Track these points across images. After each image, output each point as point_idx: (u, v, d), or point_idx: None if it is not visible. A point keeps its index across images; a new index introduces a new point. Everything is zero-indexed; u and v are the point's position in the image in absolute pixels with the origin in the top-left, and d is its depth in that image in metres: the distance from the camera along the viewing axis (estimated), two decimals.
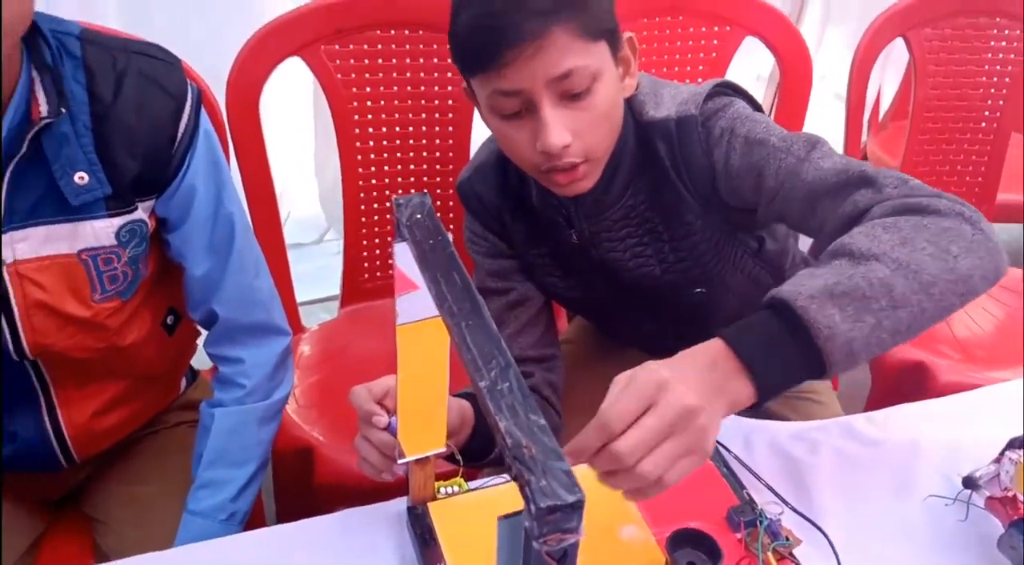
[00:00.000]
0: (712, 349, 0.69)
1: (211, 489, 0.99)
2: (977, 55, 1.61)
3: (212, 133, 0.95)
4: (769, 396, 0.68)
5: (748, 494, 0.79)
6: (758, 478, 0.80)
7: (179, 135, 0.89)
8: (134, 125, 0.86)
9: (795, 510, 0.77)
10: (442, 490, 0.78)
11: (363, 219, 1.43)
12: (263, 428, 1.03)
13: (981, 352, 1.49)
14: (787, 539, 0.73)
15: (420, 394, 0.69)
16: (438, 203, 1.44)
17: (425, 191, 0.57)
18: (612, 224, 0.96)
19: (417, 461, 0.73)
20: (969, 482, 0.81)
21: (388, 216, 1.44)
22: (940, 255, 0.71)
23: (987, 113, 1.66)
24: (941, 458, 0.88)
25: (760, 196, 0.88)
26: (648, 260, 0.98)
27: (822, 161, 0.83)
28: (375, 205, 1.42)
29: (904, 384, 1.40)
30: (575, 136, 0.83)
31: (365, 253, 1.46)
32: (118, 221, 0.87)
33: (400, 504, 0.79)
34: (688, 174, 0.91)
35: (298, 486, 1.22)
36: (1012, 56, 1.61)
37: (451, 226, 1.45)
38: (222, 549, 0.79)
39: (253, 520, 1.18)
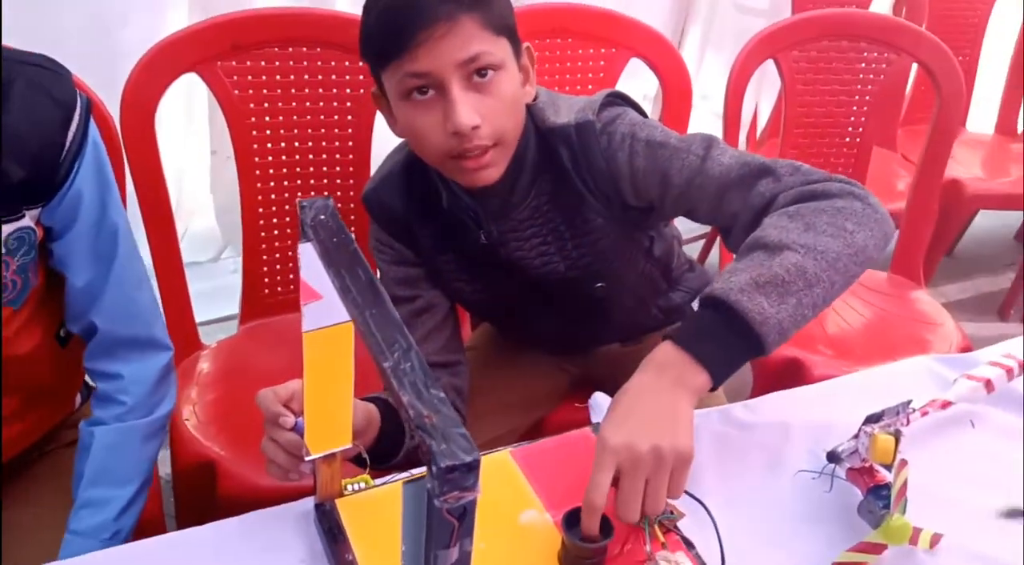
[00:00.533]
0: (663, 352, 0.80)
1: (93, 509, 0.97)
2: (840, 76, 1.75)
3: (100, 144, 0.95)
4: (723, 379, 0.80)
5: None
6: None
7: (67, 143, 0.89)
8: (22, 133, 0.85)
9: None
10: (349, 487, 0.81)
11: (262, 234, 1.44)
12: (146, 445, 1.01)
13: (852, 348, 1.62)
14: (671, 513, 0.79)
15: (326, 395, 0.72)
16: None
17: (328, 195, 0.61)
18: (518, 224, 1.02)
19: (324, 458, 0.76)
20: (832, 456, 0.90)
21: (288, 231, 1.46)
22: (839, 233, 0.82)
23: (851, 129, 1.80)
24: (809, 437, 0.96)
25: (666, 193, 0.96)
26: (552, 257, 1.04)
27: (722, 157, 0.93)
28: (274, 220, 1.44)
29: (782, 378, 1.50)
30: (483, 119, 0.89)
31: (265, 268, 1.47)
32: (6, 228, 0.87)
33: (307, 504, 0.81)
34: (589, 176, 0.98)
35: (200, 502, 1.22)
36: (871, 76, 1.76)
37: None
38: (122, 558, 0.79)
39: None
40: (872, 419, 0.89)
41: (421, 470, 0.82)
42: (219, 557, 0.78)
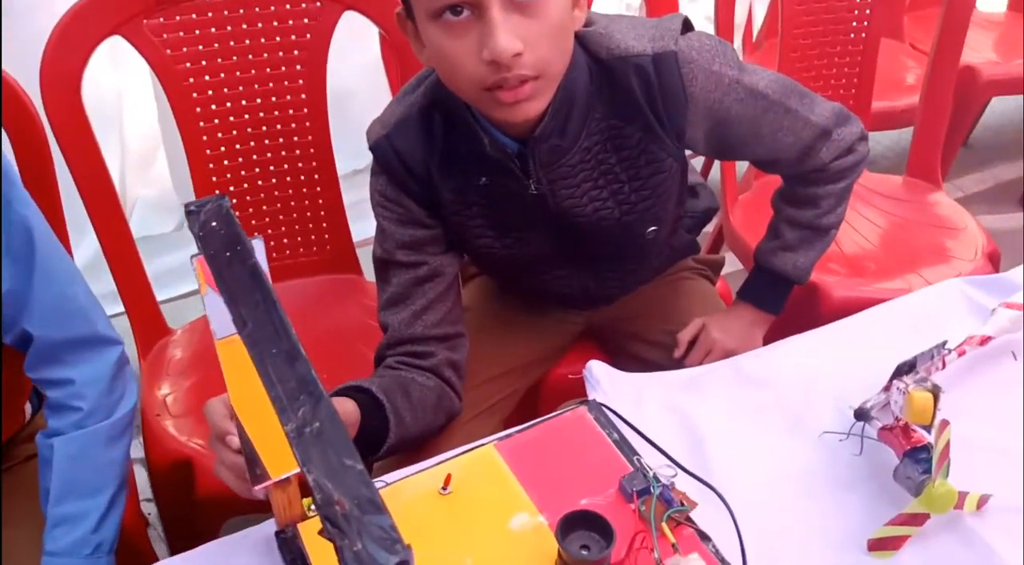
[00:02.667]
0: (745, 309, 1.14)
1: (67, 525, 0.89)
2: None
3: None
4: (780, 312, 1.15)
5: (639, 460, 0.75)
6: (649, 441, 0.76)
7: None
8: None
9: (687, 472, 0.73)
10: (313, 507, 0.71)
11: (236, 211, 1.32)
12: (112, 448, 0.93)
13: (870, 264, 1.51)
14: (682, 504, 0.70)
15: (261, 412, 0.62)
16: (301, 177, 1.34)
17: (222, 194, 0.49)
18: (569, 170, 0.92)
19: (277, 484, 0.66)
20: (861, 414, 0.79)
21: (248, 198, 1.34)
22: (848, 197, 1.09)
23: (855, 23, 1.64)
24: (832, 391, 0.86)
25: (746, 143, 0.97)
26: (605, 203, 0.95)
27: (808, 114, 0.98)
28: (231, 188, 1.31)
29: (798, 306, 1.39)
30: (526, 46, 0.77)
31: None
32: None
33: (268, 528, 0.72)
34: (664, 111, 0.89)
35: (181, 501, 1.14)
36: None
37: (320, 200, 1.36)
38: None
39: (136, 542, 1.11)
40: (904, 369, 0.78)
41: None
42: None
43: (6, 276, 0.85)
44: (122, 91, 1.75)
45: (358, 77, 1.84)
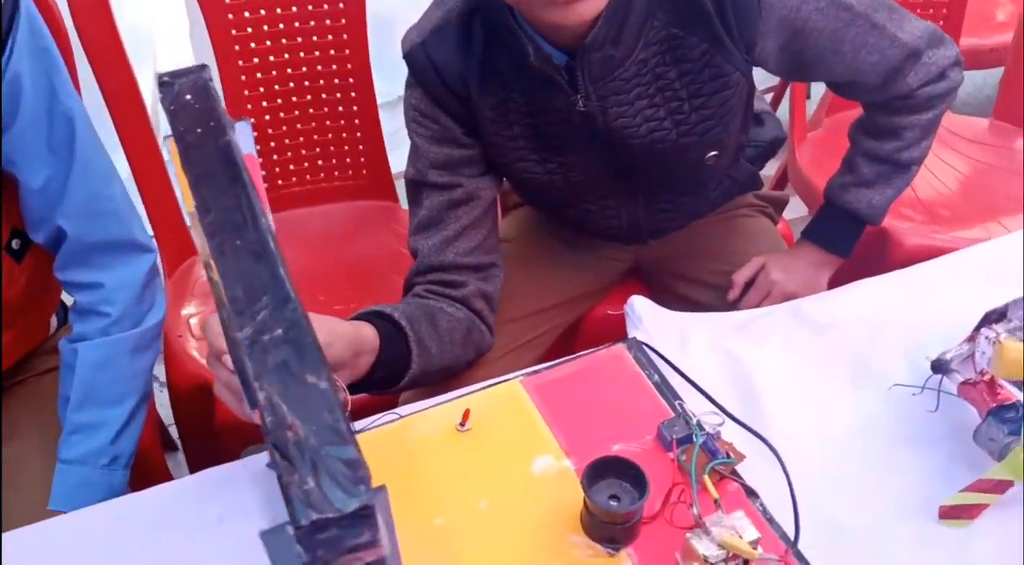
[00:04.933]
0: (808, 251, 1.04)
1: (85, 433, 0.87)
2: None
3: (37, 16, 0.79)
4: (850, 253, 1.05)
5: (681, 405, 0.67)
6: (693, 385, 0.68)
7: None
8: None
9: (735, 420, 0.65)
10: None
11: (254, 119, 1.26)
12: (138, 358, 0.90)
13: (945, 211, 1.39)
14: (728, 455, 0.62)
15: None
16: (338, 94, 1.27)
17: (203, 64, 0.41)
18: (622, 85, 0.84)
19: None
20: (939, 366, 0.70)
21: (281, 114, 1.27)
22: (935, 129, 0.98)
23: None
24: (905, 339, 0.76)
25: (821, 59, 0.87)
26: (662, 123, 0.87)
27: (896, 31, 0.88)
28: (264, 104, 1.25)
29: (868, 252, 1.29)
30: None
31: (275, 156, 1.30)
32: None
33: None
34: (735, 19, 0.82)
35: (202, 425, 1.10)
36: None
37: (356, 120, 1.29)
38: (69, 523, 0.67)
39: (151, 465, 1.07)
40: (993, 317, 0.69)
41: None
42: (165, 526, 0.64)
43: (45, 169, 0.81)
44: (155, 12, 1.70)
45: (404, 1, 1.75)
